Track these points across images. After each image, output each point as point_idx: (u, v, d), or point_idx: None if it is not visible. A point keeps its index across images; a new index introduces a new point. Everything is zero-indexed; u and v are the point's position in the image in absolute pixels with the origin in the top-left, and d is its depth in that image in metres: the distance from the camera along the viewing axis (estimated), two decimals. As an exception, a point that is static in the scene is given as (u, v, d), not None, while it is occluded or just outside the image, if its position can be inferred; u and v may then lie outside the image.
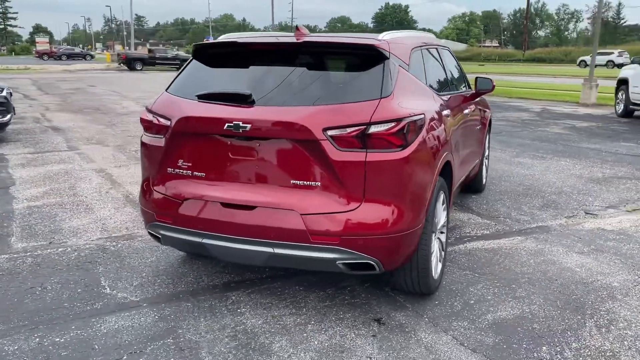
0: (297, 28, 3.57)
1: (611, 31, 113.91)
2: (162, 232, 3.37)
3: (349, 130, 2.92)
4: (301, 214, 2.97)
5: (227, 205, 3.12)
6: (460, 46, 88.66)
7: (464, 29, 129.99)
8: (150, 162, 3.45)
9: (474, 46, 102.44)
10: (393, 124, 2.94)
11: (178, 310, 3.37)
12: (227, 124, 3.04)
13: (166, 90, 3.55)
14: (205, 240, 3.18)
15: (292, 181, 3.03)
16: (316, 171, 2.98)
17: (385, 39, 3.43)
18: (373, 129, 2.92)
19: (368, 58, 3.20)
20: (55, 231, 4.82)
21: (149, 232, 3.52)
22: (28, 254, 4.28)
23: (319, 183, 2.99)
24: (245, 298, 3.55)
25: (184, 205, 3.23)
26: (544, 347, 3.00)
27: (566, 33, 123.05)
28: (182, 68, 3.65)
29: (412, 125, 3.04)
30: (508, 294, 3.65)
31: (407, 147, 2.99)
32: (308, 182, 3.00)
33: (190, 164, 3.26)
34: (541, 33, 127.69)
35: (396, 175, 2.98)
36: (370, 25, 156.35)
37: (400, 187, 3.01)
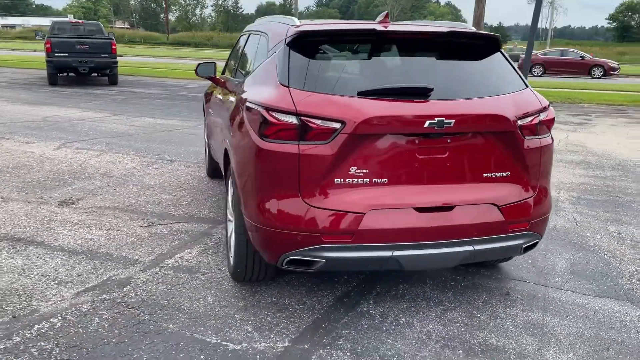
0: (386, 15, 3.34)
1: (232, 18, 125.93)
2: (329, 254, 2.81)
3: (529, 118, 3.04)
4: (499, 206, 2.97)
5: (422, 209, 2.85)
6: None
7: (91, 8, 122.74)
8: (302, 174, 2.77)
9: (107, 27, 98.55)
10: (548, 111, 3.19)
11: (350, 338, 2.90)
12: (428, 121, 2.76)
13: (287, 85, 2.86)
14: (396, 253, 2.84)
15: (484, 174, 2.98)
16: (507, 161, 3.01)
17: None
18: (542, 116, 3.11)
19: (492, 48, 3.27)
20: (-13, 300, 3.23)
21: (298, 260, 2.85)
22: (16, 340, 2.82)
23: (509, 173, 3.03)
24: (383, 309, 3.26)
25: (367, 219, 2.78)
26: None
27: (194, 18, 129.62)
28: (285, 57, 2.96)
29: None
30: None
31: (550, 133, 3.28)
32: (499, 174, 3.01)
33: (366, 170, 2.81)
34: (171, 17, 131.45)
35: (549, 158, 3.25)
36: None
37: (549, 168, 3.29)
